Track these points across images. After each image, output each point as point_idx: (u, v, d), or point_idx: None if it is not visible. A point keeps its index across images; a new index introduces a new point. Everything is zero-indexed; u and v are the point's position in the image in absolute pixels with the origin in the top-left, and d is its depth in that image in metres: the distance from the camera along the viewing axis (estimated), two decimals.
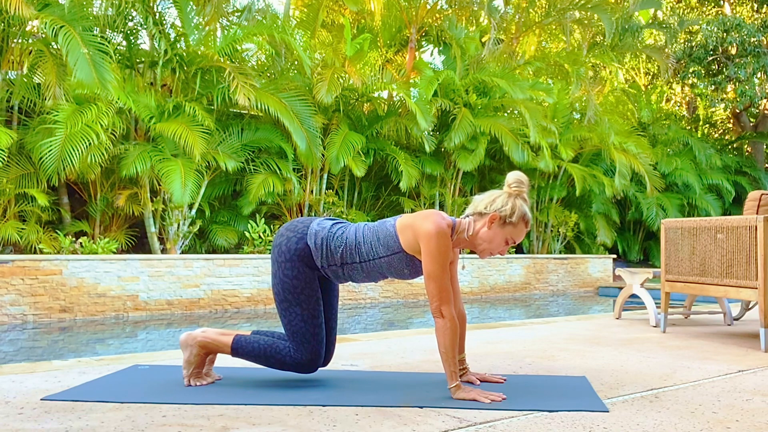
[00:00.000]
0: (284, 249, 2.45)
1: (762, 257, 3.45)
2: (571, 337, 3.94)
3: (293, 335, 2.44)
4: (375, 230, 2.44)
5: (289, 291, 2.43)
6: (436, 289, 2.28)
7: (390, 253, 2.40)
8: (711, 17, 17.43)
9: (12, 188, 8.08)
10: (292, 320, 2.44)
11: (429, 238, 2.29)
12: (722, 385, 2.60)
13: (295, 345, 2.45)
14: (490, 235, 2.38)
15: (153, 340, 6.60)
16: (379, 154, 11.03)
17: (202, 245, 9.77)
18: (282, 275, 2.44)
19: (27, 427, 1.92)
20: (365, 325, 7.89)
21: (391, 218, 2.47)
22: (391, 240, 2.39)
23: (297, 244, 2.44)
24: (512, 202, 2.38)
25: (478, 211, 2.41)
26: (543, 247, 13.25)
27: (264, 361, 2.49)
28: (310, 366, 2.46)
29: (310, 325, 2.44)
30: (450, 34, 12.33)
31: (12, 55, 8.26)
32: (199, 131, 8.45)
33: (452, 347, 2.27)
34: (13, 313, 7.05)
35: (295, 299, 2.43)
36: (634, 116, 15.48)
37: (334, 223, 2.53)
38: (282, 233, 2.50)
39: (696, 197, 14.92)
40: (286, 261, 2.43)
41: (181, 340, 2.51)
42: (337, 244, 2.44)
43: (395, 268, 2.43)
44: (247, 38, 9.77)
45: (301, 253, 2.43)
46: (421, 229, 2.32)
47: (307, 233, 2.46)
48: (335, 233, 2.47)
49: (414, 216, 2.40)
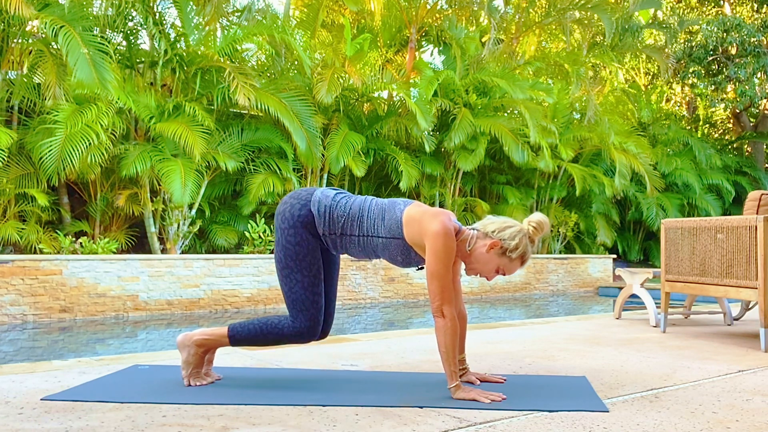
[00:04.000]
0: (287, 216, 2.45)
1: (762, 257, 3.45)
2: (571, 337, 3.94)
3: (293, 303, 2.45)
4: (382, 209, 2.43)
5: (291, 258, 2.43)
6: (438, 288, 2.28)
7: (390, 236, 2.39)
8: (711, 17, 17.43)
9: (12, 188, 8.08)
10: (293, 287, 2.44)
11: (436, 237, 2.28)
12: (722, 385, 2.60)
13: (294, 313, 2.45)
14: (486, 259, 2.38)
15: (153, 340, 6.60)
16: (379, 154, 11.03)
17: (202, 245, 9.77)
18: (285, 242, 2.44)
19: (27, 427, 1.92)
20: (365, 325, 7.89)
21: (401, 202, 2.45)
22: (395, 225, 2.38)
23: (300, 210, 2.44)
24: (521, 239, 2.37)
25: (486, 230, 2.40)
26: (543, 247, 13.25)
27: (263, 340, 2.49)
28: (309, 334, 2.46)
29: (310, 292, 2.44)
30: (450, 34, 12.33)
31: (12, 55, 8.26)
32: (199, 131, 8.45)
33: (453, 347, 2.27)
34: (13, 313, 7.05)
35: (297, 266, 2.43)
36: (634, 116, 15.48)
37: (337, 192, 2.53)
38: (286, 201, 2.51)
39: (696, 197, 14.92)
40: (289, 227, 2.44)
41: (178, 341, 2.52)
42: (340, 214, 2.44)
43: (390, 252, 2.42)
44: (247, 38, 9.77)
45: (304, 220, 2.43)
46: (428, 227, 2.30)
47: (311, 201, 2.46)
48: (339, 202, 2.47)
49: (423, 212, 2.37)
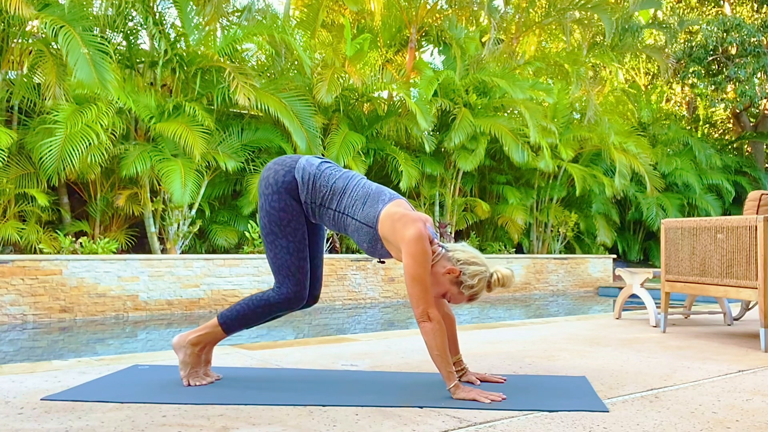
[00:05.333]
0: (271, 181, 2.45)
1: (762, 257, 3.45)
2: (571, 337, 3.94)
3: (279, 268, 2.45)
4: (366, 193, 2.42)
5: (275, 223, 2.44)
6: (421, 292, 2.26)
7: (364, 222, 2.38)
8: (711, 17, 17.42)
9: (12, 188, 8.08)
10: (278, 253, 2.45)
11: (413, 242, 2.26)
12: (722, 385, 2.60)
13: (279, 279, 2.46)
14: (439, 279, 2.36)
15: (153, 340, 6.60)
16: (379, 154, 11.03)
17: (202, 245, 9.77)
18: (269, 207, 2.44)
19: (27, 427, 1.92)
20: (365, 325, 7.89)
21: (387, 196, 2.41)
22: (372, 216, 2.37)
23: (284, 176, 2.44)
24: (480, 281, 2.35)
25: (453, 255, 2.37)
26: (543, 247, 13.25)
27: (254, 316, 2.48)
28: (297, 299, 2.46)
29: (295, 258, 2.44)
30: (450, 34, 12.33)
31: (12, 55, 8.25)
32: (199, 131, 8.45)
33: (444, 348, 2.27)
34: (13, 313, 7.05)
35: (281, 231, 2.43)
36: (634, 116, 15.48)
37: (322, 161, 2.52)
38: (270, 167, 2.51)
39: (696, 197, 14.92)
40: (273, 193, 2.44)
41: (174, 343, 2.52)
42: (322, 184, 2.44)
43: (359, 235, 2.41)
44: (247, 38, 9.77)
45: (288, 186, 2.43)
46: (405, 232, 2.28)
47: (295, 167, 2.46)
48: (323, 172, 2.46)
49: (402, 214, 2.32)
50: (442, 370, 2.29)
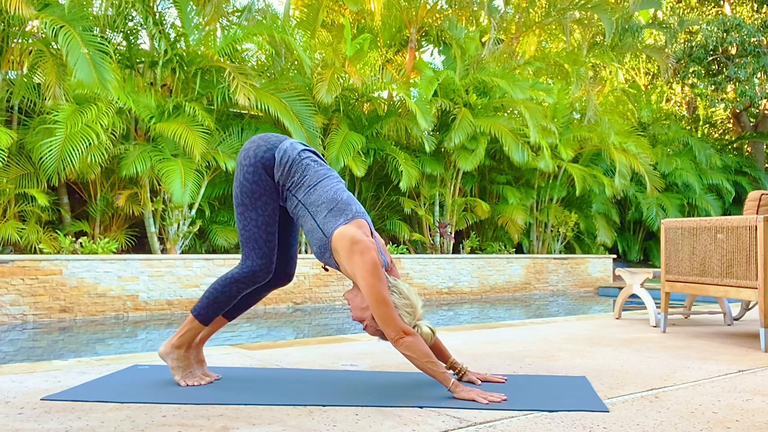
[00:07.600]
0: (251, 154, 2.47)
1: (762, 257, 3.45)
2: (571, 337, 3.94)
3: (246, 240, 2.48)
4: (334, 198, 2.42)
5: (246, 195, 2.46)
6: (389, 312, 2.27)
7: (320, 227, 2.39)
8: (711, 17, 17.43)
9: (12, 188, 8.08)
10: (246, 224, 2.48)
11: (372, 269, 2.28)
12: (722, 385, 2.60)
13: (246, 251, 2.49)
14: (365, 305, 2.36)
15: (153, 340, 6.60)
16: (379, 154, 11.03)
17: (202, 245, 9.77)
18: (242, 178, 2.47)
19: (27, 427, 1.92)
20: None
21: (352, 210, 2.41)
22: (331, 226, 2.37)
23: (264, 153, 2.46)
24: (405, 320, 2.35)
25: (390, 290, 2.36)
26: (543, 247, 13.25)
27: (224, 298, 2.50)
28: (263, 271, 2.49)
29: (263, 231, 2.46)
30: (450, 34, 12.33)
31: (12, 55, 8.26)
32: (199, 131, 8.45)
33: (429, 352, 2.29)
34: (13, 313, 7.05)
35: (252, 204, 2.46)
36: (634, 116, 15.49)
37: (306, 149, 2.54)
38: (254, 140, 2.53)
39: (696, 197, 14.92)
40: (249, 165, 2.46)
41: (160, 353, 2.54)
42: (297, 170, 2.46)
43: (312, 236, 2.41)
44: (247, 38, 9.77)
45: (266, 163, 2.45)
46: (363, 259, 2.29)
47: (278, 147, 2.48)
48: (303, 160, 2.48)
49: (359, 240, 2.32)
50: (436, 376, 2.29)
